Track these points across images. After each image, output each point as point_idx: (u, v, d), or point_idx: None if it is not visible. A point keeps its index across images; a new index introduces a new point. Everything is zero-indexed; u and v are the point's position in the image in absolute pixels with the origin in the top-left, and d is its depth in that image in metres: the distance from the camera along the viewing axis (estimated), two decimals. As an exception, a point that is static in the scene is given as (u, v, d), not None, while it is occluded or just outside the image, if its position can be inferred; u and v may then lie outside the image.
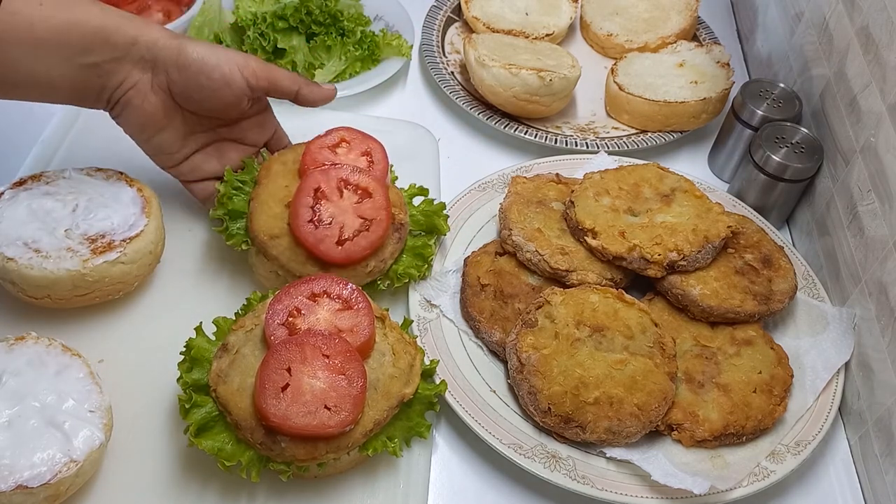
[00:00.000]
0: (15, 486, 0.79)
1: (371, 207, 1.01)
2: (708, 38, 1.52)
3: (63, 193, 1.01)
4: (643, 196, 1.11)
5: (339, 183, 1.01)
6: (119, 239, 0.98)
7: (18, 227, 0.97)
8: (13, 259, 0.94)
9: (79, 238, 0.98)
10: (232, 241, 1.04)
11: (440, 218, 1.09)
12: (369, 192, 1.02)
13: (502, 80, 1.28)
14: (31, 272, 0.94)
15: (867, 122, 1.07)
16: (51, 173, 1.04)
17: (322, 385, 0.84)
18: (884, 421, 0.96)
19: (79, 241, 0.97)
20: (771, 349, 1.02)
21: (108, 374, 0.93)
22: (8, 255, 0.94)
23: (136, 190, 1.04)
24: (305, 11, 1.35)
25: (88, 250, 0.96)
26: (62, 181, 1.03)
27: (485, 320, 1.03)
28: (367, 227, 1.00)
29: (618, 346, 0.96)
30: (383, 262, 1.03)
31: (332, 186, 1.01)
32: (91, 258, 0.96)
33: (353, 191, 1.02)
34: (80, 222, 0.99)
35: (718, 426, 0.95)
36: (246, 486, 0.90)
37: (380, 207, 1.01)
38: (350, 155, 1.06)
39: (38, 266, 0.94)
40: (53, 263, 0.94)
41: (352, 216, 1.00)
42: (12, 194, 1.00)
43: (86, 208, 1.00)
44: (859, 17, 1.12)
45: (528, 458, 0.93)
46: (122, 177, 1.05)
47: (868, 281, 1.03)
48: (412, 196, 1.12)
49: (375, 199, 1.01)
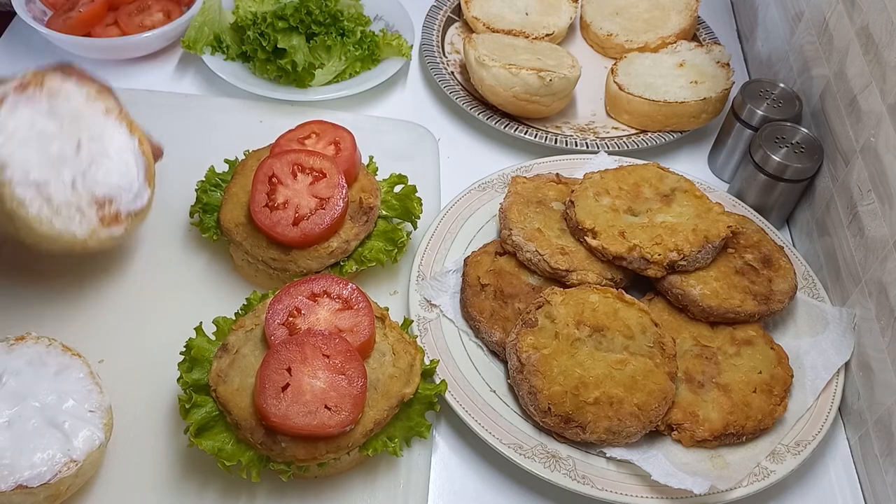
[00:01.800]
0: (15, 486, 0.79)
1: (325, 187, 1.03)
2: (708, 38, 1.52)
3: (65, 119, 0.93)
4: (643, 196, 1.11)
5: (292, 167, 1.04)
6: (125, 211, 0.96)
7: (26, 151, 0.89)
8: (24, 205, 0.88)
9: (87, 197, 0.92)
10: (207, 233, 1.08)
11: (412, 200, 1.11)
12: (323, 172, 1.04)
13: (502, 80, 1.28)
14: (40, 227, 0.89)
15: (867, 122, 1.07)
16: (55, 83, 0.94)
17: (322, 385, 0.84)
18: (884, 421, 0.96)
19: (87, 202, 0.92)
20: (771, 349, 1.02)
21: (108, 374, 0.93)
22: (19, 196, 0.88)
23: (138, 143, 0.99)
24: (305, 11, 1.35)
25: (96, 217, 0.93)
26: (62, 101, 0.94)
27: (485, 320, 1.03)
28: (322, 205, 1.02)
29: (618, 346, 0.96)
30: (347, 244, 1.05)
31: (286, 171, 1.03)
32: (99, 229, 0.93)
33: (308, 173, 1.04)
34: (87, 173, 0.93)
35: (718, 426, 0.95)
36: (246, 486, 0.90)
37: (333, 186, 1.03)
38: (318, 144, 1.08)
39: (48, 222, 0.89)
40: (62, 223, 0.90)
41: (306, 196, 1.03)
42: (14, 101, 0.91)
43: (89, 152, 0.93)
44: (859, 17, 1.12)
45: (528, 458, 0.93)
46: (122, 116, 0.98)
47: (868, 281, 1.03)
48: (393, 185, 1.14)
49: (329, 179, 1.03)
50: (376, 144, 1.23)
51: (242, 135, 1.23)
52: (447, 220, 1.16)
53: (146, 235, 1.13)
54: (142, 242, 1.12)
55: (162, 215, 1.15)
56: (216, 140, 1.23)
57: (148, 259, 1.11)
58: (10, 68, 1.38)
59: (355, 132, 1.10)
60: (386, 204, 1.12)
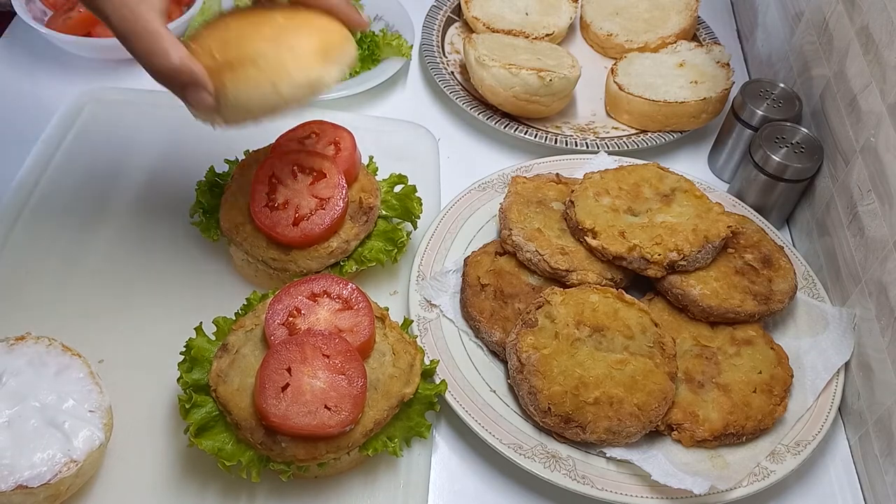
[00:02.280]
0: (15, 486, 0.79)
1: (325, 187, 1.03)
2: (708, 38, 1.52)
3: None
4: (643, 196, 1.11)
5: (292, 167, 1.04)
6: None
7: None
8: None
9: None
10: (206, 233, 1.08)
11: (412, 200, 1.11)
12: (323, 172, 1.04)
13: (502, 80, 1.28)
14: None
15: (867, 122, 1.07)
16: None
17: (322, 385, 0.84)
18: (884, 421, 0.96)
19: None
20: (771, 349, 1.02)
21: (108, 374, 0.93)
22: None
23: None
24: (305, 11, 1.35)
25: None
26: None
27: (485, 320, 1.03)
28: (323, 205, 1.02)
29: (618, 346, 0.96)
30: (347, 244, 1.04)
31: (286, 171, 1.03)
32: None
33: (308, 173, 1.04)
34: None
35: (718, 426, 0.95)
36: (246, 486, 0.90)
37: (333, 186, 1.03)
38: (318, 144, 1.08)
39: None
40: None
41: (307, 196, 1.02)
42: None
43: None
44: (859, 17, 1.12)
45: (528, 458, 0.93)
46: None
47: (868, 281, 1.03)
48: (393, 185, 1.14)
49: (329, 179, 1.03)
50: (376, 144, 1.23)
51: (242, 135, 1.23)
52: (447, 220, 1.16)
53: (146, 235, 1.13)
54: (142, 242, 1.12)
55: (162, 215, 1.15)
56: (216, 140, 1.23)
57: (148, 259, 1.11)
58: (10, 68, 1.39)
59: (355, 132, 1.10)
60: (386, 204, 1.12)
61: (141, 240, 1.13)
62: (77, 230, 1.13)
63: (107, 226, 1.14)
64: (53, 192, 1.17)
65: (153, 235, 1.13)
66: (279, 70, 0.87)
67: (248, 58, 0.86)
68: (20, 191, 1.16)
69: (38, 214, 1.14)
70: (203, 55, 0.86)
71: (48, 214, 1.14)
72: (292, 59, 0.87)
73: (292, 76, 0.87)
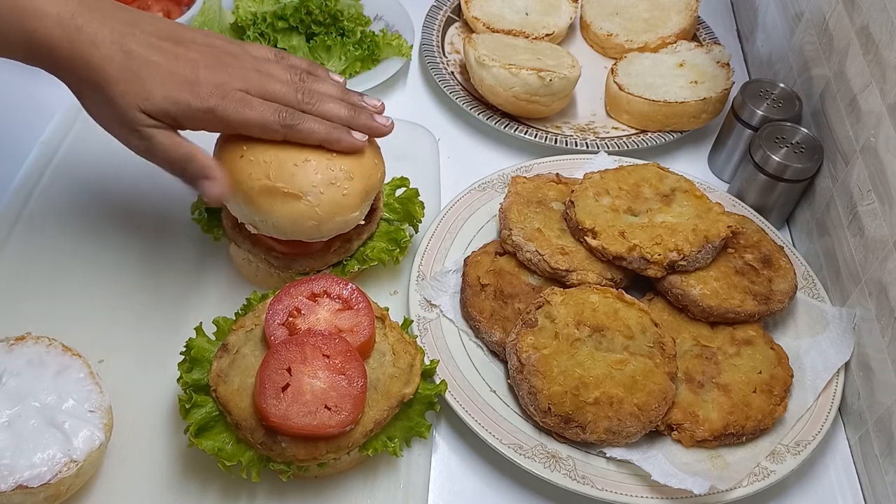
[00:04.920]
0: (15, 486, 0.79)
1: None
2: (708, 38, 1.52)
3: None
4: (643, 196, 1.11)
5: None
6: None
7: None
8: None
9: None
10: (209, 232, 1.08)
11: (415, 204, 1.10)
12: None
13: (502, 80, 1.28)
14: None
15: (867, 122, 1.07)
16: None
17: (322, 385, 0.84)
18: (884, 421, 0.96)
19: None
20: (771, 349, 1.02)
21: (108, 374, 0.94)
22: None
23: None
24: (305, 11, 1.35)
25: None
26: None
27: (485, 320, 1.03)
28: None
29: (618, 346, 0.96)
30: (349, 243, 1.04)
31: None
32: None
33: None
34: None
35: (718, 426, 0.95)
36: (246, 486, 0.90)
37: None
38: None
39: None
40: None
41: None
42: None
43: None
44: (859, 17, 1.12)
45: (528, 458, 0.93)
46: None
47: (868, 281, 1.03)
48: (395, 188, 1.13)
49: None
50: (376, 144, 1.23)
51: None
52: (447, 221, 1.16)
53: (146, 235, 1.13)
54: (142, 242, 1.12)
55: (162, 215, 1.15)
56: (216, 140, 1.23)
57: (148, 259, 1.11)
58: (10, 69, 1.38)
59: (355, 132, 1.10)
60: (388, 207, 1.11)
61: (141, 239, 1.13)
62: (77, 230, 1.13)
63: (107, 226, 1.14)
64: (53, 193, 1.17)
65: (153, 235, 1.13)
66: (327, 212, 0.94)
67: (300, 190, 0.92)
68: (20, 191, 1.16)
69: (38, 215, 1.14)
70: (257, 172, 0.92)
71: (48, 214, 1.14)
72: (340, 206, 0.95)
73: (336, 220, 0.95)
